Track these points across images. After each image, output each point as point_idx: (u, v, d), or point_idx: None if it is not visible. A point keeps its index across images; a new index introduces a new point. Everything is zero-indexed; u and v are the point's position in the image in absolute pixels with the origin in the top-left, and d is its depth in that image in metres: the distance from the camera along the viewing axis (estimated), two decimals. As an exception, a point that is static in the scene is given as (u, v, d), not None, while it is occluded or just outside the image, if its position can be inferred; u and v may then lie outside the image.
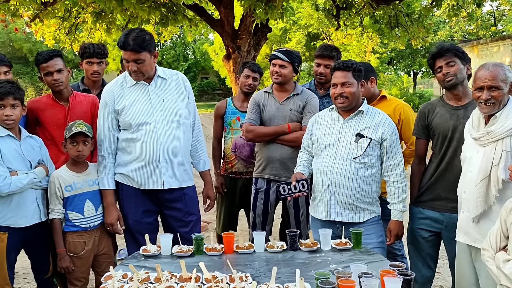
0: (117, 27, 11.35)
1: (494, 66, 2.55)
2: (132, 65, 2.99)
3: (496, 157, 2.48)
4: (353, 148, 2.96)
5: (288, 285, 2.18)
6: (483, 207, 2.53)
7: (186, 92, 3.28)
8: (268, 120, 3.63)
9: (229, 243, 2.74)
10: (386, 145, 2.97)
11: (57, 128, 3.45)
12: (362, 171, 2.95)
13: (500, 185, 2.47)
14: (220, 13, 9.87)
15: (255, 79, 4.04)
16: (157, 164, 3.09)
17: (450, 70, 2.95)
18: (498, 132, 2.49)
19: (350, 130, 3.01)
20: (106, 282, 2.23)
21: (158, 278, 2.25)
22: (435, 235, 3.12)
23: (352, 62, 3.01)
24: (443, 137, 3.03)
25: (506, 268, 2.07)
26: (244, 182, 4.03)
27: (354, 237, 2.78)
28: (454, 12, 10.26)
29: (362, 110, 3.02)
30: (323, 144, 3.06)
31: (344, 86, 2.95)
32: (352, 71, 2.96)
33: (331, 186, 2.98)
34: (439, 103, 3.12)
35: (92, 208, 3.15)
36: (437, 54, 3.01)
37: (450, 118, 3.00)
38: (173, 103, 3.16)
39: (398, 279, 2.04)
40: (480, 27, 26.59)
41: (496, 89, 2.50)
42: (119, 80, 3.20)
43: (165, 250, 2.72)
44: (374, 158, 2.98)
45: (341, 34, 14.10)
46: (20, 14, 9.63)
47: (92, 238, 3.16)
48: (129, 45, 2.92)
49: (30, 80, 33.55)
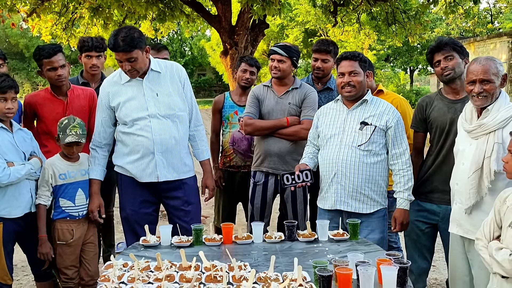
0: (114, 23, 11.33)
1: (486, 60, 2.59)
2: (125, 65, 3.01)
3: (488, 149, 2.53)
4: (358, 135, 2.99)
5: (286, 273, 2.21)
6: (476, 198, 2.57)
7: (182, 83, 3.28)
8: (267, 114, 3.65)
9: (228, 234, 2.77)
10: (391, 133, 3.00)
11: (56, 122, 3.44)
12: (368, 158, 2.97)
13: (492, 177, 2.51)
14: (217, 9, 9.88)
15: (252, 73, 4.06)
16: (152, 157, 3.12)
17: (448, 64, 2.99)
18: (490, 124, 2.54)
19: (355, 119, 3.04)
20: (107, 271, 2.26)
21: (158, 267, 2.28)
22: (432, 227, 3.16)
23: (359, 52, 3.07)
24: (440, 130, 3.07)
25: (499, 256, 2.11)
26: (242, 175, 4.06)
27: (351, 228, 2.82)
28: (451, 9, 10.29)
29: (366, 100, 3.05)
30: (328, 134, 3.09)
31: (351, 75, 2.99)
32: (358, 61, 3.01)
33: (337, 175, 3.01)
34: (437, 96, 3.15)
35: (83, 197, 3.23)
36: (435, 48, 3.04)
37: (447, 112, 3.03)
38: (167, 97, 3.17)
39: (394, 267, 2.07)
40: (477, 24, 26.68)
41: (488, 82, 2.55)
42: (115, 76, 3.23)
43: (165, 240, 2.75)
44: (379, 146, 3.01)
45: (338, 31, 14.13)
46: (17, 9, 9.60)
47: (80, 227, 3.22)
48: (119, 46, 2.93)
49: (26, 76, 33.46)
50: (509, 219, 2.17)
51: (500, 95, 2.61)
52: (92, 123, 3.60)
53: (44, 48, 3.35)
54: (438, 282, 4.29)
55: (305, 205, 3.72)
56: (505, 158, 2.26)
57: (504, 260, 2.09)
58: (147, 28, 12.96)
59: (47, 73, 3.39)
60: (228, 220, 4.03)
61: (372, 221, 3.04)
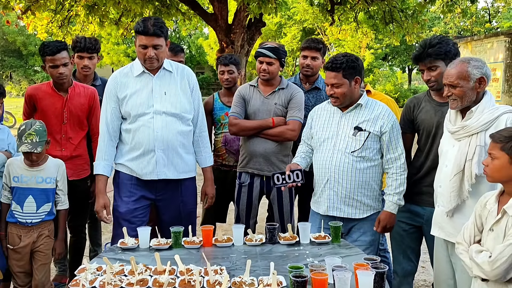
0: (110, 21, 11.33)
1: (458, 64, 2.54)
2: (150, 51, 2.95)
3: (470, 152, 2.49)
4: (351, 141, 2.94)
5: (262, 278, 2.18)
6: (457, 201, 2.54)
7: (190, 87, 3.22)
8: (252, 114, 3.62)
9: (207, 236, 2.73)
10: (386, 138, 2.94)
11: (54, 117, 3.51)
12: (361, 164, 2.93)
13: (473, 180, 2.48)
14: (214, 7, 9.86)
15: (230, 72, 3.99)
16: (153, 154, 3.05)
17: (432, 75, 2.90)
18: (473, 126, 2.50)
19: (349, 123, 2.98)
20: (79, 275, 2.23)
21: (132, 271, 2.25)
22: (416, 228, 3.13)
23: (342, 61, 2.90)
24: (427, 133, 3.03)
25: (479, 258, 2.08)
26: (234, 174, 4.03)
27: (333, 231, 2.78)
28: (449, 8, 10.29)
29: (361, 104, 2.98)
30: (322, 137, 3.05)
31: (334, 87, 2.92)
32: (342, 71, 2.89)
33: (330, 181, 2.98)
34: (425, 98, 3.10)
35: (33, 205, 3.10)
36: (417, 57, 2.94)
37: (434, 115, 2.99)
38: (175, 97, 3.12)
39: (370, 272, 2.04)
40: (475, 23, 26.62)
41: (454, 87, 2.52)
42: (126, 68, 3.19)
43: (143, 243, 2.71)
44: (373, 152, 2.96)
45: (336, 30, 14.13)
46: (12, 7, 9.58)
47: (29, 235, 3.13)
48: (150, 30, 2.90)
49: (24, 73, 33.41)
50: (490, 223, 2.15)
51: (485, 96, 2.56)
52: (91, 121, 3.66)
53: (48, 45, 3.36)
54: (427, 284, 4.27)
55: (291, 207, 3.69)
56: (485, 161, 2.22)
57: (483, 263, 2.07)
58: (144, 26, 12.93)
59: (49, 70, 3.42)
60: (216, 218, 4.00)
61: (364, 224, 3.01)
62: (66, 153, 3.53)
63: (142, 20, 2.96)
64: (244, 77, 9.84)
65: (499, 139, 2.15)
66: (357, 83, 2.96)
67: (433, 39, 2.92)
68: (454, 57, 2.92)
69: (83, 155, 3.66)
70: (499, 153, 2.14)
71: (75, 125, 3.57)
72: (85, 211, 3.82)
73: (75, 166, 3.59)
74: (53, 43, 3.42)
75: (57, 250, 3.28)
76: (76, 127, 3.59)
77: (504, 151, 2.12)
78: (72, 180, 3.54)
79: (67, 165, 3.53)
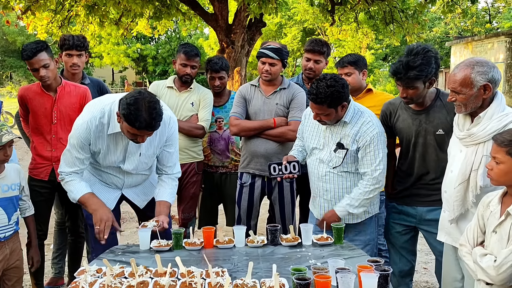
0: (110, 21, 11.31)
1: (462, 69, 2.43)
2: (141, 138, 2.70)
3: (476, 162, 2.42)
4: (333, 157, 2.91)
5: (264, 280, 2.15)
6: (460, 210, 2.51)
7: (168, 139, 3.00)
8: (253, 114, 3.59)
9: (208, 238, 2.71)
10: (360, 154, 2.87)
11: (44, 117, 3.45)
12: (345, 177, 2.92)
13: (478, 191, 2.43)
14: (214, 7, 9.83)
15: (221, 77, 3.93)
16: (119, 191, 3.12)
17: (409, 93, 2.80)
18: (480, 135, 2.41)
19: (333, 136, 2.92)
20: (79, 277, 2.20)
21: (133, 273, 2.22)
22: (410, 229, 3.11)
23: (327, 94, 2.68)
24: (407, 142, 3.00)
25: (483, 262, 2.05)
26: (220, 176, 4.02)
27: (336, 232, 2.75)
28: (449, 9, 10.25)
29: (345, 121, 2.88)
30: (310, 145, 3.04)
31: (319, 115, 2.82)
32: (326, 104, 2.72)
33: (319, 189, 2.99)
34: (401, 104, 3.01)
35: (4, 217, 2.80)
36: (396, 75, 2.78)
37: (412, 124, 2.94)
38: (149, 158, 3.00)
39: (374, 274, 2.02)
40: (475, 23, 26.60)
41: (457, 93, 2.45)
42: (102, 119, 2.79)
43: (144, 244, 2.68)
44: (354, 166, 2.91)
45: (336, 30, 14.10)
46: (12, 7, 9.55)
47: (2, 251, 2.82)
48: (154, 127, 2.63)
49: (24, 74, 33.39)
50: (493, 225, 2.12)
51: (495, 100, 2.45)
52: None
53: (25, 49, 3.26)
54: (429, 286, 4.23)
55: (293, 208, 3.67)
56: (489, 164, 2.19)
57: (489, 267, 2.03)
58: (144, 26, 12.93)
59: (32, 72, 3.35)
60: (210, 222, 3.98)
61: (359, 225, 2.99)
62: (57, 154, 3.44)
63: (147, 114, 2.54)
64: (244, 77, 9.81)
65: (503, 143, 2.10)
66: (344, 107, 2.82)
67: (416, 58, 2.70)
68: (435, 76, 2.79)
69: None
70: (505, 158, 2.09)
71: (66, 125, 3.47)
72: (78, 211, 3.75)
73: None
74: (31, 45, 3.27)
75: (35, 258, 3.07)
76: (67, 127, 3.44)
77: (510, 155, 2.08)
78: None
79: (56, 166, 3.41)
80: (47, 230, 3.65)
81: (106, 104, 2.80)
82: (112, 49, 32.15)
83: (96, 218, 2.77)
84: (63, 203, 3.78)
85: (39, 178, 3.50)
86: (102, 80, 4.38)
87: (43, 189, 3.52)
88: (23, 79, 32.64)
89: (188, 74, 3.85)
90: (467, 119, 2.54)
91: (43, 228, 3.57)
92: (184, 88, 3.90)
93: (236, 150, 4.01)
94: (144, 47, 39.04)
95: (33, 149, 3.57)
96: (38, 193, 3.51)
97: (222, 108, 4.00)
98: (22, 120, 3.77)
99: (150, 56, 39.44)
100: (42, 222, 3.56)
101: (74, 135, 2.80)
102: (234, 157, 4.00)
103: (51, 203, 3.65)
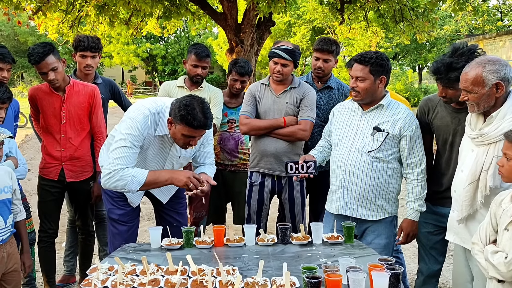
0: (120, 21, 11.37)
1: (473, 68, 2.40)
2: (194, 141, 2.76)
3: (487, 162, 2.39)
4: (369, 141, 2.90)
5: (275, 278, 2.15)
6: (468, 211, 2.48)
7: (203, 142, 3.08)
8: (263, 113, 3.59)
9: (219, 236, 2.72)
10: (406, 142, 2.87)
11: (53, 117, 3.48)
12: (377, 165, 2.89)
13: (487, 192, 2.40)
14: (223, 7, 9.84)
15: (243, 81, 3.97)
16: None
17: (448, 93, 2.78)
18: (491, 135, 2.39)
19: (368, 123, 2.94)
20: (91, 275, 2.22)
21: (144, 271, 2.23)
22: (442, 229, 3.03)
23: (372, 56, 2.85)
24: (443, 140, 2.95)
25: (495, 259, 2.04)
26: (228, 174, 4.04)
27: (346, 231, 2.75)
28: (460, 6, 10.15)
29: (382, 104, 2.92)
30: (340, 135, 3.03)
31: (358, 80, 2.87)
32: (370, 66, 2.83)
33: (344, 179, 2.95)
34: (440, 101, 2.97)
35: (0, 219, 2.70)
36: (437, 74, 2.77)
37: (451, 122, 2.88)
38: (186, 160, 3.10)
39: (386, 274, 2.01)
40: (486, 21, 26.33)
41: (468, 92, 2.42)
42: (156, 117, 2.80)
43: (154, 242, 2.70)
44: (391, 154, 2.90)
45: (346, 29, 14.03)
46: (23, 7, 9.63)
47: (0, 255, 2.72)
48: (209, 126, 2.72)
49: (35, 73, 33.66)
50: (505, 223, 2.10)
51: (508, 99, 2.41)
52: (93, 120, 3.59)
53: (32, 53, 3.26)
54: (440, 285, 4.21)
55: (303, 207, 3.66)
56: (500, 161, 2.17)
57: (500, 264, 2.03)
58: (154, 25, 12.97)
59: (40, 75, 3.38)
60: (218, 220, 3.99)
61: (378, 226, 2.97)
62: (66, 153, 3.51)
63: (202, 113, 2.65)
64: (253, 76, 9.81)
65: None
66: (382, 82, 2.90)
67: (459, 60, 2.67)
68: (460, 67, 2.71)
69: (84, 157, 3.58)
70: None
71: (75, 124, 3.51)
72: (87, 211, 3.80)
73: (74, 168, 3.55)
74: (37, 49, 3.25)
75: (27, 263, 2.99)
76: (76, 126, 3.53)
77: None
78: (70, 182, 3.54)
79: (66, 166, 3.52)
80: (58, 229, 3.69)
81: (160, 105, 2.81)
82: (122, 49, 32.35)
83: (180, 181, 2.78)
84: (73, 202, 3.82)
85: (49, 177, 3.54)
86: (113, 80, 4.41)
87: (53, 189, 3.56)
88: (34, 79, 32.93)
89: (199, 74, 3.88)
90: (479, 119, 2.52)
91: (53, 226, 3.62)
92: (195, 87, 3.92)
93: (245, 150, 4.02)
94: (153, 47, 39.22)
95: (43, 149, 3.61)
96: (48, 192, 3.56)
97: (236, 110, 4.01)
98: (33, 119, 3.81)
99: (160, 55, 39.64)
100: (52, 221, 3.61)
101: (131, 127, 2.71)
102: (243, 156, 4.01)
103: (61, 202, 3.69)
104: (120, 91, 4.24)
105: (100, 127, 3.63)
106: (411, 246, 5.17)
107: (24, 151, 9.61)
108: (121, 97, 4.22)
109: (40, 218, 3.63)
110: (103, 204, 4.00)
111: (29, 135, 9.93)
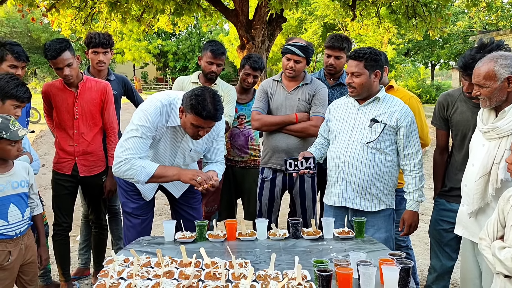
0: (132, 17, 11.44)
1: (485, 62, 2.41)
2: (203, 131, 2.80)
3: (499, 155, 2.40)
4: (367, 132, 2.94)
5: (287, 272, 2.19)
6: (479, 204, 2.49)
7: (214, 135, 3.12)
8: (275, 109, 3.62)
9: (231, 230, 2.76)
10: (403, 133, 2.93)
11: (66, 113, 3.55)
12: (376, 156, 2.92)
13: (498, 184, 2.40)
14: (234, 3, 9.87)
15: (256, 76, 4.01)
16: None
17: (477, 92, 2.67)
18: (504, 129, 2.39)
19: (365, 115, 2.98)
20: (107, 266, 2.27)
21: (159, 263, 2.28)
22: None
23: (366, 52, 2.93)
24: (462, 135, 2.94)
25: (501, 254, 2.05)
26: (239, 170, 4.08)
27: (357, 226, 2.78)
28: (473, 2, 10.07)
29: (379, 97, 2.99)
30: (338, 129, 3.06)
31: (353, 76, 2.93)
32: (364, 61, 2.91)
33: (344, 171, 2.98)
34: (460, 97, 2.98)
35: (17, 212, 2.74)
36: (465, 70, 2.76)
37: (471, 117, 2.87)
38: (197, 154, 3.13)
39: (396, 268, 2.04)
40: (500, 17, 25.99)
41: (480, 87, 2.43)
42: (168, 108, 2.85)
43: (168, 236, 2.75)
44: (389, 145, 2.94)
45: (357, 25, 13.98)
46: (37, 4, 9.75)
47: (18, 247, 2.75)
48: (218, 118, 2.75)
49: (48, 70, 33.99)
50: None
51: None
52: (105, 116, 3.66)
53: (49, 49, 3.33)
54: (450, 282, 4.21)
55: (314, 202, 3.69)
56: (509, 158, 2.18)
57: (506, 259, 2.04)
58: (165, 22, 13.04)
59: (56, 71, 3.45)
60: (228, 215, 4.03)
61: (377, 220, 3.00)
62: (79, 148, 3.58)
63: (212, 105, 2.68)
64: (264, 73, 9.84)
65: None
66: (376, 76, 2.96)
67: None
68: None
69: (97, 152, 3.65)
70: None
71: (87, 120, 3.58)
72: (100, 205, 3.86)
73: (87, 163, 3.62)
74: (54, 45, 3.32)
75: (44, 256, 3.02)
76: (89, 122, 3.59)
77: None
78: (83, 176, 3.60)
79: (79, 161, 3.59)
80: (72, 222, 3.76)
81: (172, 97, 2.88)
82: (134, 45, 32.48)
83: (186, 176, 2.84)
84: (86, 196, 3.89)
85: (62, 172, 3.62)
86: (125, 76, 4.47)
87: (67, 183, 3.63)
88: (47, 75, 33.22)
89: (214, 72, 3.92)
90: (491, 114, 2.53)
91: (67, 220, 3.69)
92: (209, 83, 3.96)
93: (255, 146, 4.05)
94: (165, 43, 39.36)
95: (56, 144, 3.68)
96: (62, 187, 3.63)
97: (246, 106, 4.05)
98: (46, 115, 3.88)
99: (171, 52, 39.78)
100: (66, 215, 3.68)
101: (143, 118, 2.77)
102: (253, 152, 4.05)
103: (75, 196, 3.76)
104: (132, 87, 4.30)
105: (112, 122, 3.69)
106: (421, 242, 5.18)
107: (38, 146, 9.74)
108: (133, 93, 4.28)
109: (55, 212, 3.70)
110: (116, 198, 4.09)
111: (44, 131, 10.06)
